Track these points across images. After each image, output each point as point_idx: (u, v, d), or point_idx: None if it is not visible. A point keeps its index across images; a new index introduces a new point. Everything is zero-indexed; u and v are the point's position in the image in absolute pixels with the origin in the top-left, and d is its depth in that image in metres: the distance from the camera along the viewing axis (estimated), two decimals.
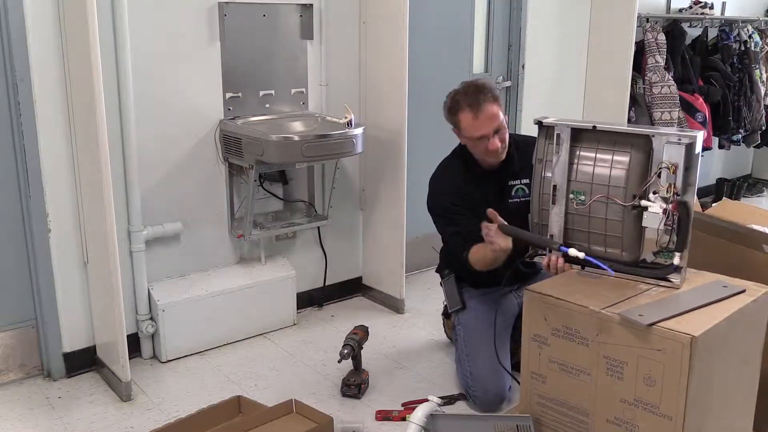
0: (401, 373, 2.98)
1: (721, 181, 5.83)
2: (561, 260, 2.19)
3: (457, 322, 2.85)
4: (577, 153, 2.17)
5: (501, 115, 2.59)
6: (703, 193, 5.51)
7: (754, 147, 5.63)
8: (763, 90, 5.29)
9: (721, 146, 5.34)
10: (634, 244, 2.12)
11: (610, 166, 2.12)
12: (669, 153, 2.00)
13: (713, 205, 2.83)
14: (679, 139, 1.99)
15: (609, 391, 1.98)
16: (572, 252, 2.11)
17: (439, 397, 2.44)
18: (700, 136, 2.02)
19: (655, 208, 2.03)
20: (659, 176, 2.02)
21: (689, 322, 1.87)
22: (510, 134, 2.68)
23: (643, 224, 2.07)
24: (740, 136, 5.24)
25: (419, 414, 2.29)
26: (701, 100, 4.82)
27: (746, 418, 2.20)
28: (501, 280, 2.83)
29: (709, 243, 2.49)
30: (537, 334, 2.13)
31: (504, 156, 2.66)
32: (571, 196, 2.17)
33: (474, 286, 2.87)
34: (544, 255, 2.24)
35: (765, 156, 6.18)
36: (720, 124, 5.07)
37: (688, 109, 4.74)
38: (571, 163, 2.17)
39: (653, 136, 2.04)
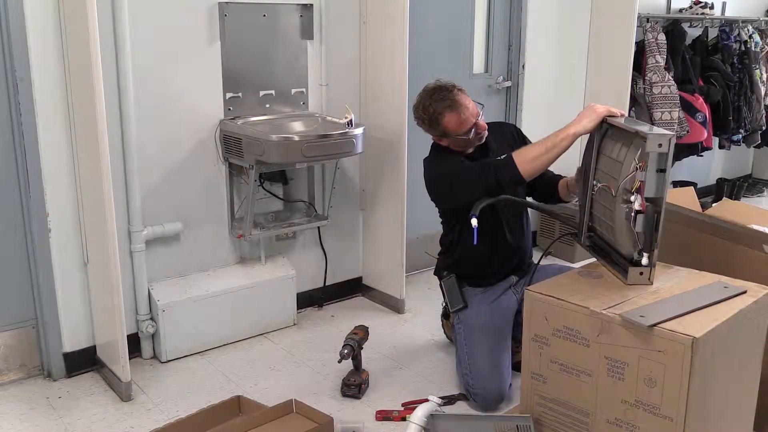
0: (401, 373, 2.98)
1: (721, 181, 5.82)
2: None
3: (457, 321, 2.85)
4: (605, 144, 2.29)
5: (471, 101, 2.71)
6: (703, 193, 5.51)
7: (754, 147, 5.63)
8: (763, 90, 5.29)
9: (721, 146, 5.34)
10: (625, 237, 2.13)
11: (615, 158, 2.17)
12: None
13: (713, 205, 2.84)
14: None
15: (610, 392, 1.98)
16: (473, 222, 2.39)
17: (439, 397, 2.45)
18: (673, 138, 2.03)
19: (636, 205, 2.05)
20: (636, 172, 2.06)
21: (690, 323, 1.87)
22: None
23: (624, 218, 2.11)
24: (740, 136, 5.24)
25: (419, 414, 2.30)
26: (701, 100, 4.82)
27: (747, 418, 2.20)
28: (500, 273, 2.85)
29: (709, 243, 2.49)
30: (538, 334, 2.13)
31: (485, 136, 2.77)
32: (594, 182, 2.28)
33: (473, 285, 2.88)
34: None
35: (765, 156, 6.18)
36: (720, 124, 5.07)
37: (688, 109, 4.74)
38: (600, 153, 2.29)
39: (637, 133, 2.06)
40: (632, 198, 2.05)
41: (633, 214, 2.06)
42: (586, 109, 2.38)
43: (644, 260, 2.10)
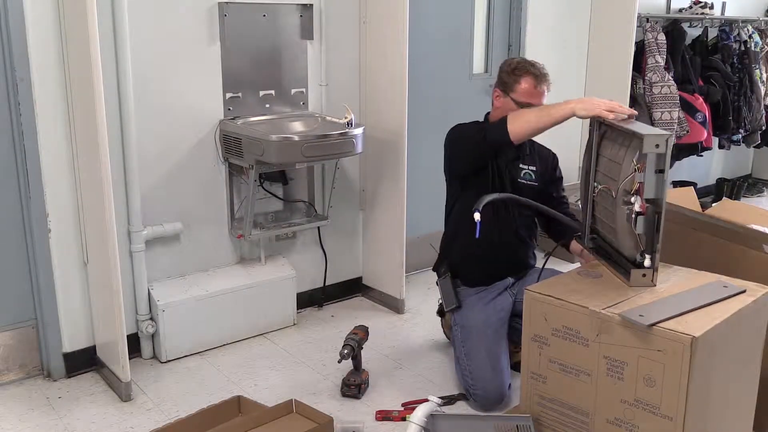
0: (401, 373, 2.98)
1: (721, 181, 5.83)
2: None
3: (454, 322, 2.85)
4: (604, 145, 2.28)
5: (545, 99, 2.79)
6: (703, 193, 5.51)
7: (754, 147, 5.63)
8: (763, 90, 5.29)
9: (721, 146, 5.34)
10: (627, 238, 2.13)
11: (614, 160, 2.16)
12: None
13: (713, 205, 2.84)
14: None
15: (609, 392, 1.98)
16: (476, 216, 2.34)
17: (439, 397, 2.44)
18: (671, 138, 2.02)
19: (636, 206, 2.04)
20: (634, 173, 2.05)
21: (690, 322, 1.87)
22: None
23: (625, 220, 2.10)
24: (740, 136, 5.25)
25: (419, 414, 2.29)
26: (701, 100, 4.82)
27: (746, 418, 2.20)
28: (496, 273, 2.85)
29: (709, 243, 2.49)
30: (537, 334, 2.13)
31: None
32: (595, 183, 2.28)
33: (469, 285, 2.88)
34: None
35: (765, 156, 6.18)
36: (720, 124, 5.07)
37: (688, 109, 4.74)
38: (599, 154, 2.28)
39: (634, 134, 2.06)
40: (632, 199, 2.04)
41: (633, 215, 2.05)
42: (589, 98, 2.42)
43: (647, 262, 2.09)
